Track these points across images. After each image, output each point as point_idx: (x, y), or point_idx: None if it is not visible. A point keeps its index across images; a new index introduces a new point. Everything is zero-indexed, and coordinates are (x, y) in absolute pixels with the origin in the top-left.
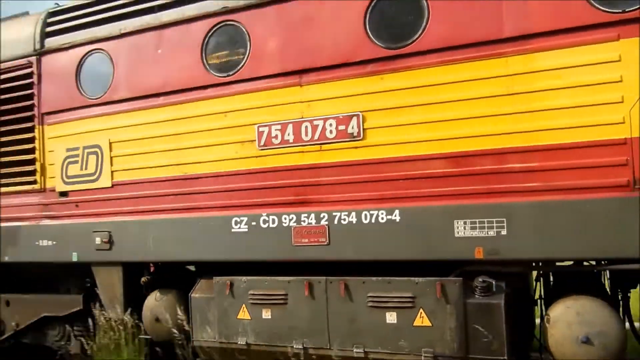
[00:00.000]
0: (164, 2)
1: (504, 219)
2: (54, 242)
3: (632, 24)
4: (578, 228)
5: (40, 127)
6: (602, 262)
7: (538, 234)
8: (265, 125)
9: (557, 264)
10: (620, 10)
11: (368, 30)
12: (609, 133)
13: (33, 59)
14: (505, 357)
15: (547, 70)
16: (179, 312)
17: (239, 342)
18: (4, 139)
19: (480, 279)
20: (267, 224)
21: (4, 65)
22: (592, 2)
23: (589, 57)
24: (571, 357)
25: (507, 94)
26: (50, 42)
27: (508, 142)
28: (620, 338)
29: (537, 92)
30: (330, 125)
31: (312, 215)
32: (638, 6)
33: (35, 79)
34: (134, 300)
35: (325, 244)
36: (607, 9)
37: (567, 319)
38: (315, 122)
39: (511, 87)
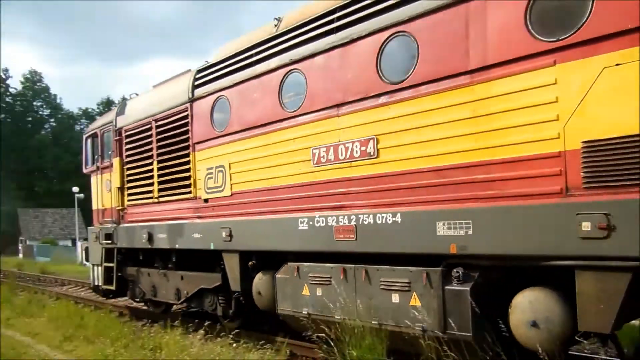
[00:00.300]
0: (258, 57)
1: (470, 221)
2: (201, 235)
3: (566, 50)
4: (523, 229)
5: (193, 153)
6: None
7: (495, 234)
8: (317, 148)
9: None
10: (555, 39)
11: (379, 70)
12: (547, 147)
13: (188, 104)
14: (471, 334)
15: (500, 95)
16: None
17: (303, 312)
18: (174, 162)
19: (455, 270)
20: (318, 224)
21: (173, 110)
22: (533, 32)
23: (532, 82)
24: (524, 338)
25: (473, 117)
26: (197, 92)
27: (473, 157)
28: (564, 324)
29: (494, 114)
30: (356, 146)
31: (346, 217)
32: (570, 34)
33: (189, 119)
34: (249, 278)
35: (354, 239)
36: (544, 39)
37: (522, 306)
38: (347, 145)
39: (476, 111)
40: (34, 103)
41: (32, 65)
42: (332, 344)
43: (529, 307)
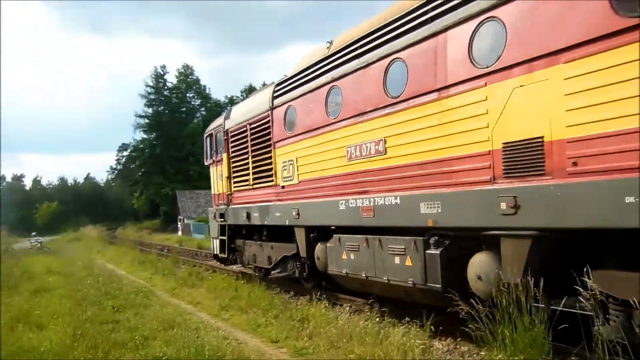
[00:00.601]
0: (312, 75)
1: (439, 202)
2: (280, 214)
3: (491, 74)
4: (469, 208)
5: (274, 150)
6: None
7: (454, 212)
8: (349, 147)
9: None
10: (486, 66)
11: (385, 87)
12: (482, 147)
13: (269, 111)
14: (440, 286)
15: (455, 108)
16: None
17: (343, 272)
18: (262, 157)
19: (432, 238)
20: (351, 205)
21: (260, 116)
22: (474, 62)
23: (471, 98)
24: (474, 288)
25: (440, 124)
26: (275, 102)
27: (441, 155)
28: (496, 277)
29: (452, 122)
30: (373, 145)
31: (367, 200)
32: (493, 62)
33: (270, 123)
34: (312, 247)
35: (373, 216)
36: (479, 66)
37: (473, 265)
38: (367, 144)
39: (441, 120)
40: (187, 95)
41: (185, 60)
42: (482, 322)
43: (477, 265)
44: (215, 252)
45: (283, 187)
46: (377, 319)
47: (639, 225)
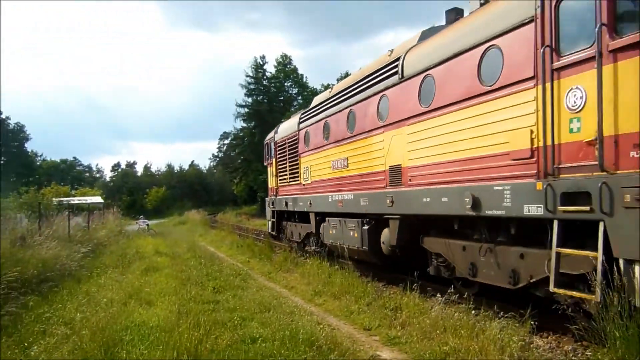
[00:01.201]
0: (318, 111)
1: (367, 199)
2: (302, 203)
3: (386, 126)
4: (377, 202)
5: (300, 158)
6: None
7: (372, 204)
8: (333, 161)
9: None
10: (383, 121)
11: (348, 126)
12: (381, 168)
13: (297, 132)
14: (367, 248)
15: (372, 144)
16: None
17: (330, 242)
18: (293, 163)
19: (364, 220)
20: (334, 198)
21: (292, 134)
22: (379, 118)
23: (378, 139)
24: (384, 249)
25: (367, 152)
26: (300, 125)
27: (367, 170)
28: (389, 243)
29: (371, 152)
30: (342, 161)
31: (340, 195)
32: (385, 119)
33: (298, 140)
34: (319, 227)
35: (342, 207)
36: (381, 121)
37: (382, 234)
38: (341, 160)
39: (367, 149)
40: (285, 84)
41: (283, 50)
42: (587, 323)
43: (383, 236)
44: (269, 231)
45: (304, 185)
46: (473, 312)
47: (436, 212)
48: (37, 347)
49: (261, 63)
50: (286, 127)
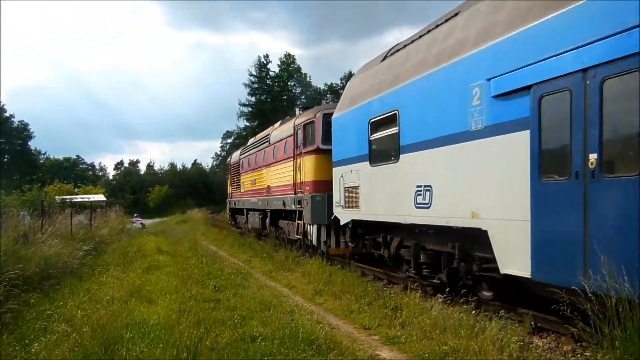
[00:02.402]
0: (252, 147)
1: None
2: (241, 204)
3: (287, 158)
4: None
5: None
6: None
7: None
8: (274, 179)
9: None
10: (288, 155)
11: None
12: (290, 181)
13: (238, 160)
14: (260, 227)
15: (262, 173)
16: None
17: (250, 225)
18: (236, 180)
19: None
20: (253, 200)
21: (237, 162)
22: (285, 152)
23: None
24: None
25: (261, 177)
26: (241, 157)
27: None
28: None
29: (262, 177)
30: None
31: (254, 199)
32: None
33: (240, 165)
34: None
35: (254, 205)
36: (264, 163)
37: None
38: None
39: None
40: (289, 83)
41: (286, 49)
42: (590, 322)
43: (267, 220)
44: (228, 221)
45: (241, 192)
46: (473, 312)
47: (277, 209)
48: (37, 344)
49: (265, 62)
50: (235, 156)
